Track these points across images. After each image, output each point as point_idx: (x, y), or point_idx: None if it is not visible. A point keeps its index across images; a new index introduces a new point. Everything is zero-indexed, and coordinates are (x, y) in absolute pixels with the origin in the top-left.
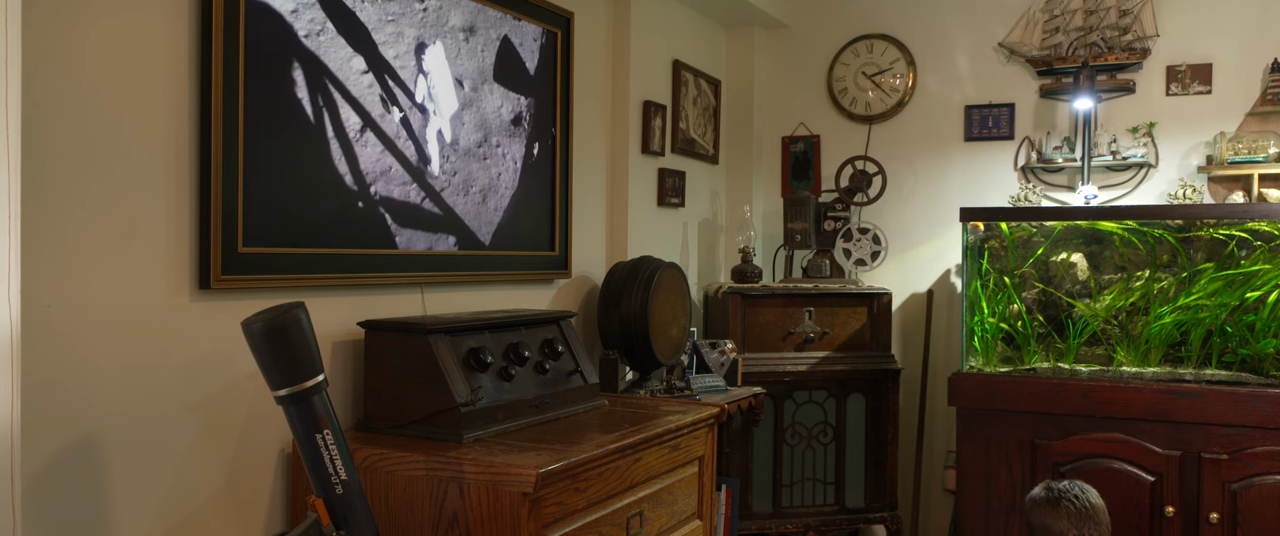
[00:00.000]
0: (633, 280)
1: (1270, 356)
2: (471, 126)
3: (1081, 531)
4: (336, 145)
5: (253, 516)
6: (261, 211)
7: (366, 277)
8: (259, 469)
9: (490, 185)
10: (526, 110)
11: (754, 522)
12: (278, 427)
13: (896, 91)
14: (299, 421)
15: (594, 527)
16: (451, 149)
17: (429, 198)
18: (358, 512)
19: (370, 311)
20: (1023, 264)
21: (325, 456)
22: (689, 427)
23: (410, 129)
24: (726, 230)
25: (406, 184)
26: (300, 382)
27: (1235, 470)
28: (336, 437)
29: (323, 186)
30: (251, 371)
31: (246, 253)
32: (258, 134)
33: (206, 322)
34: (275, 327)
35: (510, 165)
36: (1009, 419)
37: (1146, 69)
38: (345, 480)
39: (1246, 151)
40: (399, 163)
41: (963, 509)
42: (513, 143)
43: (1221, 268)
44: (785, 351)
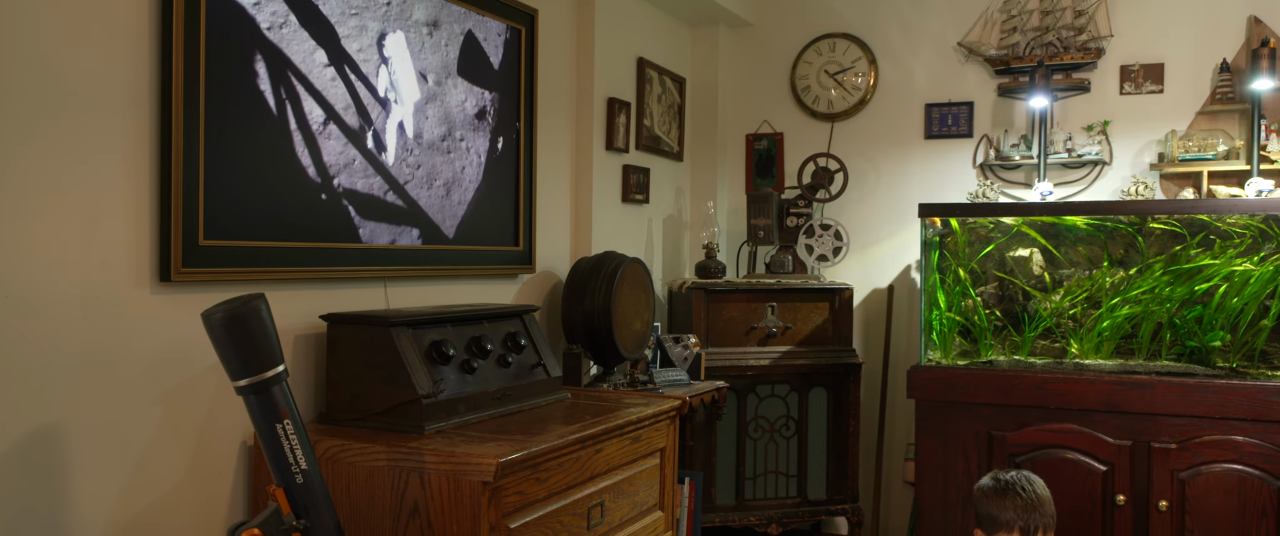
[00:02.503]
0: (596, 275)
1: (1217, 348)
2: (435, 120)
3: (1027, 521)
4: (299, 137)
5: (214, 507)
6: (223, 204)
7: (329, 271)
8: (220, 461)
9: (454, 179)
10: (490, 105)
11: (717, 515)
12: (239, 420)
13: (858, 90)
14: (259, 411)
15: (555, 517)
16: (415, 142)
17: (392, 190)
18: (318, 501)
19: (333, 305)
20: (979, 261)
21: (285, 446)
22: (650, 419)
23: (373, 121)
24: (691, 227)
25: (370, 176)
26: (260, 373)
27: (1183, 459)
28: (297, 427)
29: (285, 179)
30: (213, 363)
31: (208, 245)
32: (220, 126)
33: (168, 314)
34: (235, 318)
35: (474, 159)
36: (966, 411)
37: (1101, 69)
38: (305, 469)
39: (1197, 149)
40: (362, 155)
41: (921, 499)
42: (477, 137)
43: (1171, 263)
44: (748, 346)
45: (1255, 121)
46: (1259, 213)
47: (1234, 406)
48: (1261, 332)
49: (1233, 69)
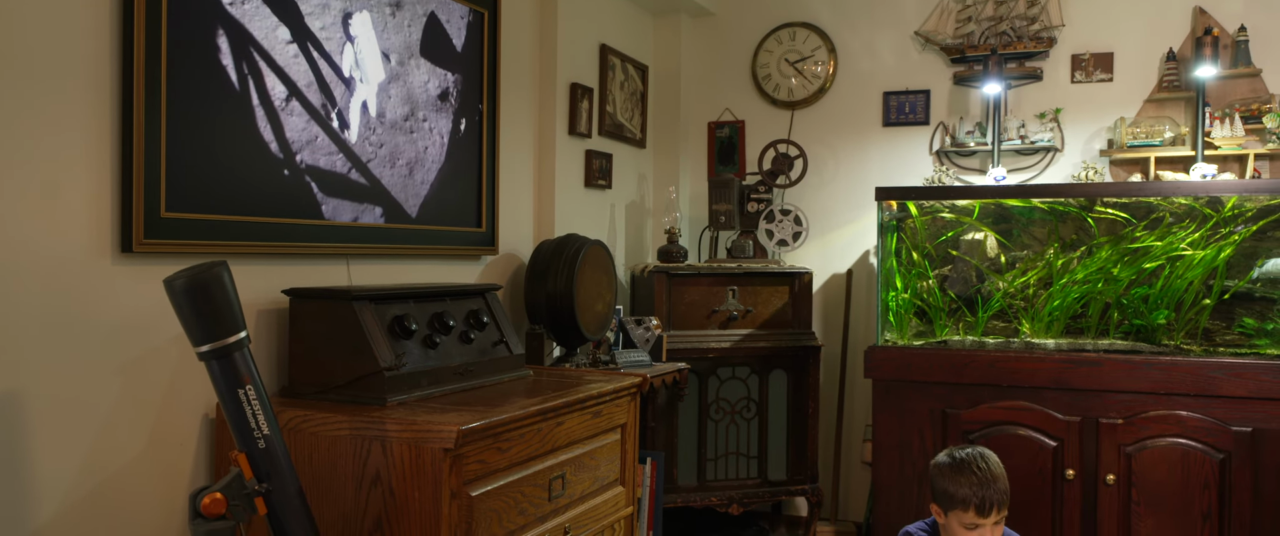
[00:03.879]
0: (559, 257)
1: (1162, 326)
2: (398, 99)
3: (983, 497)
4: (262, 113)
5: (176, 478)
6: (185, 176)
7: (292, 246)
8: (183, 432)
9: (417, 158)
10: (454, 87)
11: (679, 495)
12: (201, 392)
13: (818, 78)
14: (221, 377)
15: (516, 487)
16: (378, 121)
17: (355, 168)
18: (280, 467)
19: (295, 281)
20: (935, 245)
21: (247, 411)
22: (611, 395)
23: (336, 100)
24: (653, 213)
25: (332, 154)
26: (222, 339)
27: (1130, 434)
28: (259, 393)
29: (247, 153)
30: (175, 335)
31: (170, 218)
32: (181, 98)
33: (129, 286)
34: (197, 284)
35: (437, 140)
36: (922, 389)
37: (1053, 58)
38: (267, 435)
39: (1144, 136)
40: (325, 132)
41: (878, 476)
42: (439, 118)
43: (1118, 244)
44: (709, 329)
45: (1200, 109)
46: (1202, 195)
47: (1178, 382)
48: (1204, 311)
49: (1179, 58)
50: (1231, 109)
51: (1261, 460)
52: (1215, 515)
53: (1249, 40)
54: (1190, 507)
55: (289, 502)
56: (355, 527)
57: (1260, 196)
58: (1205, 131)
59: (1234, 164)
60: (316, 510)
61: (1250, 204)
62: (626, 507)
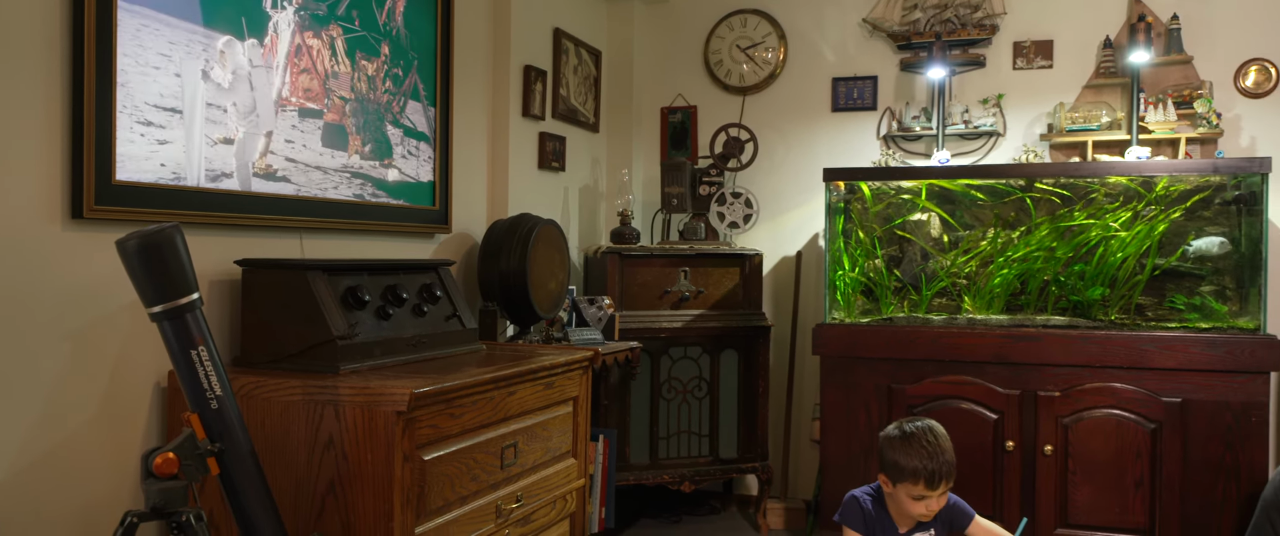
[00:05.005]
0: (512, 235)
1: (1098, 302)
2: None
3: (930, 468)
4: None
5: (126, 446)
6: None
7: (245, 217)
8: (134, 400)
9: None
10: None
11: (631, 474)
12: (153, 360)
13: (769, 64)
14: (174, 338)
15: (468, 454)
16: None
17: None
18: (232, 427)
19: (247, 254)
20: (882, 224)
21: (200, 372)
22: (563, 367)
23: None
24: (607, 197)
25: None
26: (175, 299)
27: (1067, 406)
28: (211, 354)
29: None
30: (126, 303)
31: (121, 184)
32: (133, 63)
33: (80, 252)
34: (150, 245)
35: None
36: (868, 366)
37: (995, 45)
38: (220, 396)
39: (1082, 120)
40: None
41: (826, 450)
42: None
43: (1055, 223)
44: (662, 309)
45: (1135, 94)
46: (1135, 175)
47: (1112, 355)
48: (1137, 287)
49: (1115, 45)
50: (1165, 95)
51: (1190, 429)
52: (1147, 482)
53: (1181, 28)
54: (1123, 476)
55: (242, 463)
56: (308, 491)
57: (1190, 177)
58: (1140, 116)
59: (1167, 147)
60: (269, 475)
61: (1181, 185)
62: (578, 479)
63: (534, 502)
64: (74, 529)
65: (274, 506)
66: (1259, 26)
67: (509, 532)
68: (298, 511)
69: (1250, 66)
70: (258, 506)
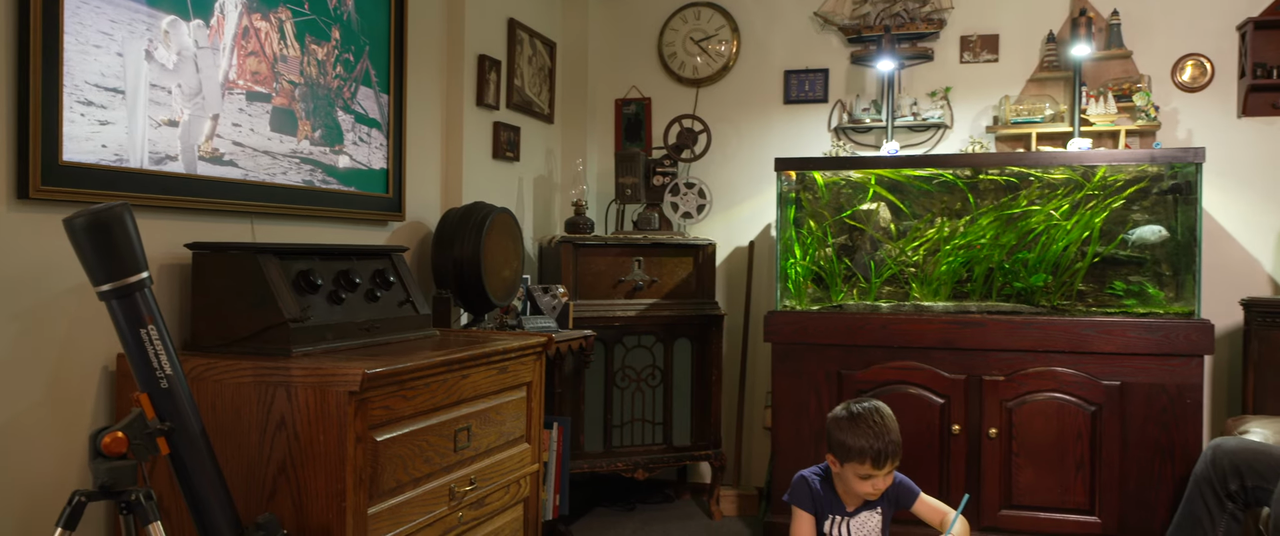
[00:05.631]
0: (466, 223)
1: (1041, 289)
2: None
3: (877, 448)
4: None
5: (73, 430)
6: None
7: (195, 201)
8: (81, 384)
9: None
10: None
11: (586, 462)
12: (101, 343)
13: (722, 56)
14: (123, 316)
15: (422, 436)
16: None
17: None
18: (183, 407)
19: (197, 238)
20: (832, 215)
21: (149, 351)
22: (516, 352)
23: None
24: (561, 188)
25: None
26: (124, 278)
27: (1011, 389)
28: (161, 333)
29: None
30: (73, 286)
31: (69, 164)
32: (81, 42)
33: (25, 233)
34: (99, 223)
35: (343, 103)
36: (818, 352)
37: (943, 39)
38: (170, 375)
39: (1026, 113)
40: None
41: (777, 437)
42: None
43: (999, 211)
44: (616, 298)
45: (1076, 87)
46: (1075, 164)
47: (1054, 340)
48: (1078, 274)
49: (1058, 40)
50: (1105, 88)
51: (1128, 411)
52: (1088, 463)
53: (1121, 24)
54: (1065, 457)
55: (192, 442)
56: (259, 472)
57: (1129, 167)
58: (1082, 109)
59: (1108, 139)
60: (220, 457)
61: (1120, 175)
62: (532, 464)
63: (487, 486)
64: (20, 510)
65: (225, 486)
66: (1195, 23)
67: (462, 515)
68: (249, 492)
69: (1187, 61)
70: (208, 486)
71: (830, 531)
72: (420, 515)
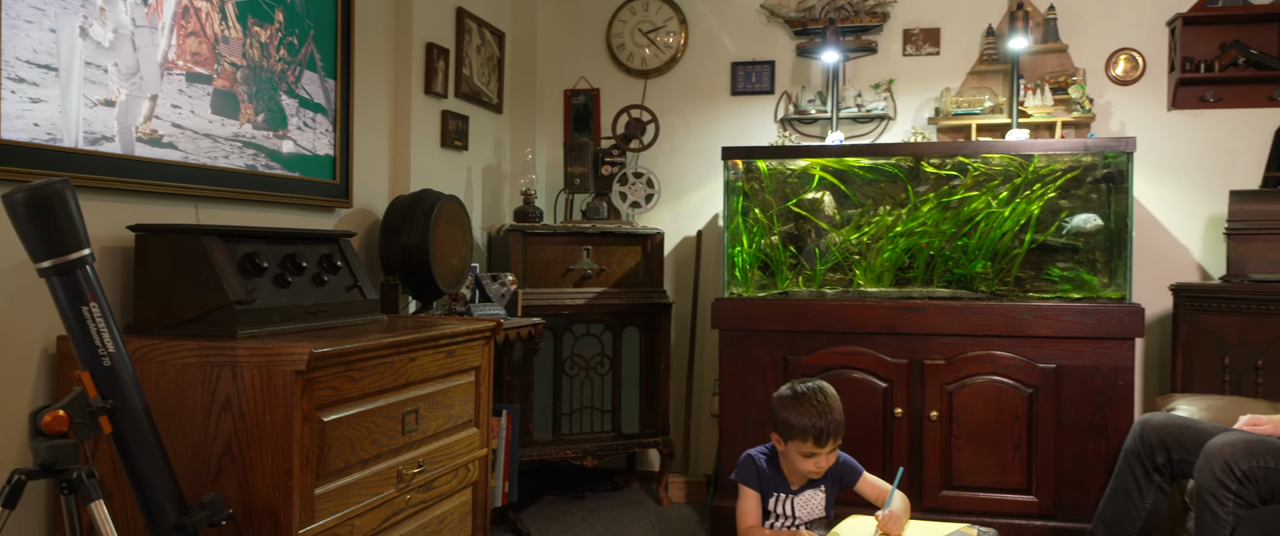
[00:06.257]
0: (414, 210)
1: (980, 274)
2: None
3: (820, 426)
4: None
5: (11, 413)
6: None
7: (136, 183)
8: (19, 365)
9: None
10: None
11: (535, 449)
12: (41, 325)
13: (670, 48)
14: (64, 294)
15: (369, 417)
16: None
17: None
18: (125, 385)
19: (139, 220)
20: (779, 203)
21: (92, 328)
22: (464, 336)
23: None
24: (510, 177)
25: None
26: (65, 254)
27: (951, 373)
28: (103, 311)
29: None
30: (11, 266)
31: (7, 143)
32: (14, 19)
33: None
34: (39, 198)
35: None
36: (765, 338)
37: (887, 32)
38: (112, 353)
39: (967, 105)
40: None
41: (724, 422)
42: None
43: (940, 199)
44: (565, 287)
45: (1014, 80)
46: (1013, 153)
47: (993, 325)
48: (1016, 260)
49: (997, 33)
50: (1042, 81)
51: (1063, 392)
52: (1025, 444)
53: (1057, 18)
54: (1003, 438)
55: (135, 421)
56: (204, 453)
57: (1064, 156)
58: (1019, 101)
59: (1045, 130)
60: (164, 438)
61: (1056, 164)
62: (480, 449)
63: (435, 469)
64: None
65: (169, 466)
66: (1128, 18)
67: (411, 498)
68: (193, 474)
69: (1120, 56)
70: (152, 466)
71: (775, 509)
72: (368, 496)
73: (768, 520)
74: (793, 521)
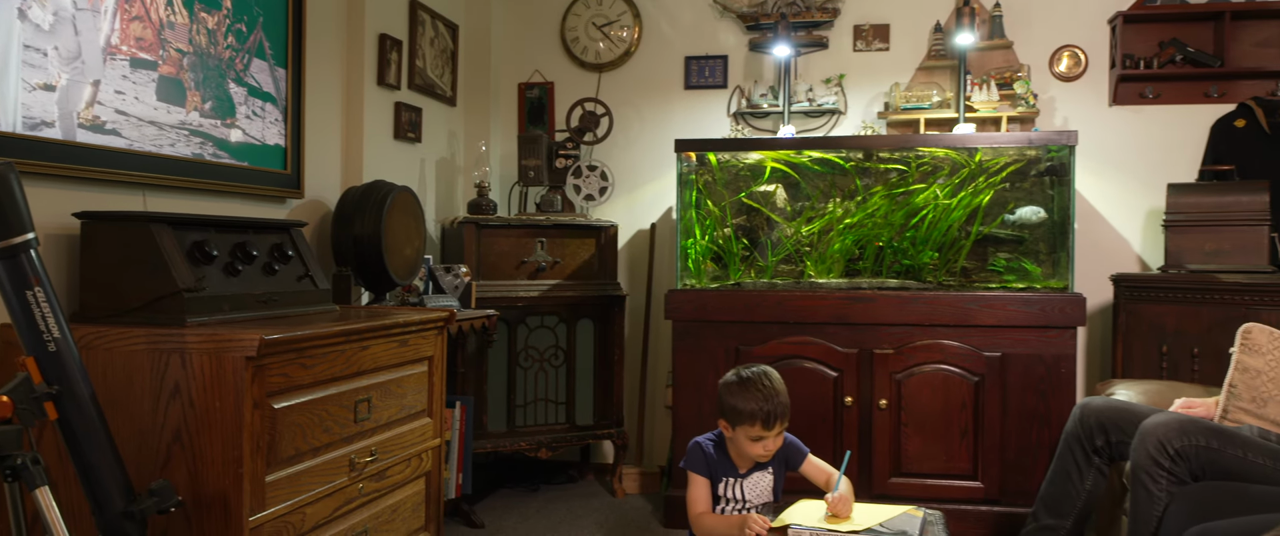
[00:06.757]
0: (367, 200)
1: (927, 265)
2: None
3: (767, 409)
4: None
5: None
6: None
7: (81, 169)
8: None
9: None
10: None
11: (489, 441)
12: None
13: (624, 42)
14: (8, 278)
15: (321, 405)
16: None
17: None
18: (71, 371)
19: (84, 208)
20: (732, 196)
21: (37, 313)
22: (418, 325)
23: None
24: (464, 170)
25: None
26: (8, 238)
27: (899, 362)
28: (48, 295)
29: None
30: None
31: None
32: None
33: None
34: None
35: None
36: (717, 329)
37: (837, 27)
38: (57, 338)
39: (915, 100)
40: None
41: (678, 412)
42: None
43: (889, 191)
44: (519, 279)
45: (961, 75)
46: (959, 146)
47: (940, 314)
48: (962, 251)
49: (944, 30)
50: (989, 77)
51: (1008, 380)
52: (971, 431)
53: (1003, 15)
54: (950, 426)
55: (81, 407)
56: (153, 441)
57: (1009, 150)
58: (966, 96)
59: (991, 125)
60: (112, 426)
61: (1002, 157)
62: (433, 439)
63: (388, 458)
64: None
65: (116, 453)
66: (1071, 16)
67: (363, 487)
68: (141, 461)
69: (1063, 52)
70: (98, 452)
71: (725, 494)
72: (320, 484)
73: (718, 505)
74: (743, 505)
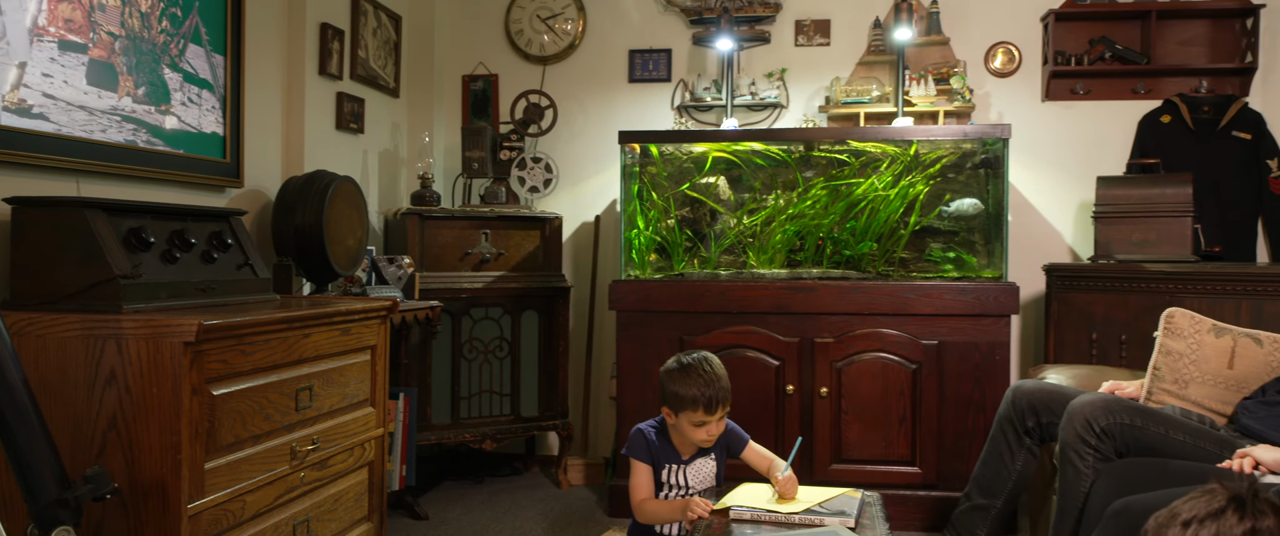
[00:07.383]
0: (308, 190)
1: (867, 255)
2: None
3: (708, 395)
4: None
5: None
6: None
7: (10, 154)
8: None
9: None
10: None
11: (433, 433)
12: None
13: (568, 35)
14: None
15: (262, 392)
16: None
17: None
18: (2, 356)
19: (14, 193)
20: (675, 188)
21: None
22: (360, 314)
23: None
24: (408, 162)
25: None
26: None
27: (840, 351)
28: None
29: None
30: None
31: None
32: None
33: None
34: None
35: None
36: (661, 319)
37: (779, 22)
38: None
39: (855, 94)
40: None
41: (622, 401)
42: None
43: (829, 183)
44: (463, 271)
45: (900, 71)
46: (897, 139)
47: (879, 304)
48: (900, 242)
49: (883, 25)
50: (926, 72)
51: (944, 368)
52: (909, 418)
53: (940, 12)
54: (889, 413)
55: (12, 392)
56: (88, 428)
57: (945, 143)
58: (905, 91)
59: (928, 119)
60: (45, 413)
61: (939, 150)
62: (377, 428)
63: (330, 447)
64: None
65: (50, 440)
66: (1006, 13)
67: (305, 475)
68: (76, 449)
69: (998, 49)
70: (30, 439)
71: (668, 480)
72: (261, 472)
73: (661, 491)
74: (686, 491)
